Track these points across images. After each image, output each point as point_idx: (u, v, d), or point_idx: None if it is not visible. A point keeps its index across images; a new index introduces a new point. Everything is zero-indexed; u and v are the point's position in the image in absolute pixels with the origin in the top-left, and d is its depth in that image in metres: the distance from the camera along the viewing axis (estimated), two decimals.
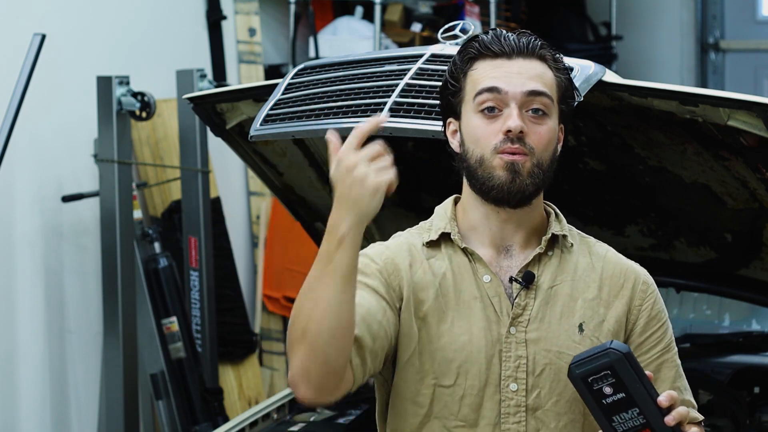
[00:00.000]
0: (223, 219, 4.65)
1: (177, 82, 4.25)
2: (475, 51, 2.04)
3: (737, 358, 3.43)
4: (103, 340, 4.09)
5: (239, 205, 5.01)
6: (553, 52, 2.06)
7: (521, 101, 2.00)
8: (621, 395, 1.85)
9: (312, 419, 3.24)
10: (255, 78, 5.02)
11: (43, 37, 3.32)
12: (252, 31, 5.03)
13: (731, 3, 6.66)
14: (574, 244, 2.10)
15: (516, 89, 1.99)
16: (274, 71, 5.10)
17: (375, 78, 2.69)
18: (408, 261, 2.05)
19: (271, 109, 2.81)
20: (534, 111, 2.00)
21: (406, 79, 2.61)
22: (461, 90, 2.05)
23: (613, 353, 1.84)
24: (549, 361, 2.02)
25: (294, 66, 3.68)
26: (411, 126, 2.52)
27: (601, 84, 2.53)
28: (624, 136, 2.81)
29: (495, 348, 2.01)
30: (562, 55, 2.08)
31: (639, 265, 2.14)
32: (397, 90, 2.59)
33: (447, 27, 2.63)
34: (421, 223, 2.13)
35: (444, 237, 2.07)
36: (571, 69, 2.12)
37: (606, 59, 5.99)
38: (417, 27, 5.22)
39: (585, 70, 2.50)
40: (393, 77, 2.65)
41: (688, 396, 2.10)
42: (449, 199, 2.13)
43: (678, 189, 2.91)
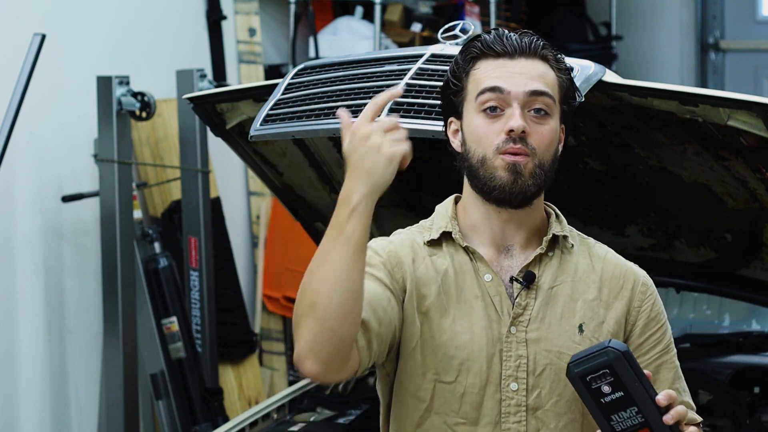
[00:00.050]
0: (223, 219, 4.65)
1: (177, 82, 4.25)
2: (478, 50, 2.04)
3: (737, 358, 3.43)
4: (103, 340, 4.08)
5: (239, 205, 5.01)
6: (555, 52, 2.06)
7: (523, 101, 1.99)
8: (619, 394, 1.84)
9: (312, 419, 3.24)
10: (255, 78, 5.01)
11: (43, 37, 3.32)
12: (252, 31, 5.03)
13: (731, 3, 6.66)
14: (574, 245, 2.10)
15: (518, 89, 1.99)
16: (274, 71, 5.10)
17: (375, 78, 2.69)
18: (411, 256, 2.05)
19: (271, 109, 2.81)
20: (536, 111, 2.00)
21: (406, 79, 2.61)
22: (463, 89, 2.05)
23: (612, 352, 1.84)
24: (549, 361, 2.02)
25: (294, 66, 3.68)
26: (411, 126, 2.51)
27: (601, 84, 2.53)
28: (624, 136, 2.81)
29: (496, 347, 2.01)
30: (563, 56, 2.08)
31: (638, 267, 2.14)
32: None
33: (447, 27, 2.63)
34: (422, 222, 2.13)
35: (445, 236, 2.07)
36: (571, 69, 2.12)
37: (606, 59, 5.99)
38: (417, 27, 5.22)
39: (585, 70, 2.50)
40: (393, 77, 2.65)
41: (686, 398, 2.10)
42: (450, 198, 2.13)
43: (678, 189, 2.91)
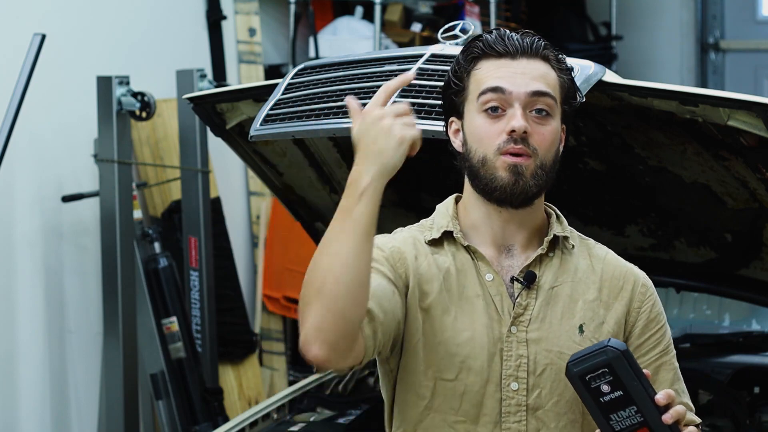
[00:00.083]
0: (223, 219, 4.65)
1: (177, 82, 4.25)
2: (479, 50, 2.04)
3: (737, 358, 3.43)
4: (103, 340, 4.08)
5: (239, 205, 5.01)
6: (556, 52, 2.06)
7: (525, 102, 1.99)
8: (618, 393, 1.84)
9: (312, 419, 3.24)
10: (255, 78, 5.01)
11: (43, 37, 3.32)
12: (252, 31, 5.03)
13: (731, 3, 6.66)
14: (575, 245, 2.10)
15: (520, 89, 1.99)
16: (274, 71, 5.10)
17: (375, 78, 2.68)
18: (414, 253, 2.05)
19: (271, 109, 2.81)
20: (537, 111, 2.00)
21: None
22: (464, 89, 2.05)
23: (611, 351, 1.84)
24: (550, 362, 2.02)
25: (294, 66, 3.68)
26: None
27: (601, 84, 2.53)
28: (624, 136, 2.81)
29: (496, 347, 2.02)
30: (564, 56, 2.08)
31: (638, 268, 2.14)
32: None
33: (447, 27, 2.63)
34: (422, 221, 2.13)
35: (446, 235, 2.07)
36: (571, 69, 2.12)
37: (606, 59, 5.99)
38: (417, 27, 5.22)
39: (585, 70, 2.50)
40: (393, 77, 2.64)
41: (685, 399, 2.10)
42: (450, 198, 2.13)
43: (678, 189, 2.91)
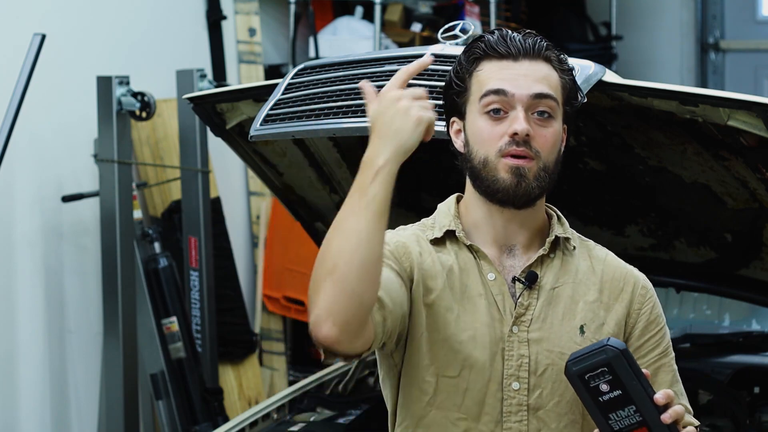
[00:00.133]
0: (223, 219, 4.65)
1: (177, 82, 4.25)
2: (481, 51, 2.03)
3: (737, 358, 3.43)
4: (103, 340, 4.09)
5: (239, 205, 5.01)
6: (558, 52, 2.05)
7: (527, 104, 1.99)
8: (618, 392, 1.84)
9: (312, 419, 3.24)
10: (255, 78, 5.01)
11: (43, 37, 3.32)
12: (252, 31, 5.03)
13: (731, 3, 6.65)
14: (575, 247, 2.10)
15: (522, 92, 1.99)
16: (274, 71, 5.10)
17: (375, 78, 2.68)
18: (418, 249, 2.05)
19: (271, 109, 2.81)
20: (540, 113, 2.00)
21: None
22: (466, 90, 2.04)
23: (610, 350, 1.84)
24: (551, 362, 2.02)
25: (294, 66, 3.68)
26: None
27: (601, 84, 2.53)
28: (624, 136, 2.81)
29: (498, 346, 2.02)
30: (566, 56, 2.08)
31: (638, 270, 2.14)
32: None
33: (447, 27, 2.63)
34: (423, 221, 2.13)
35: (449, 234, 2.07)
36: (573, 69, 2.12)
37: (606, 59, 5.98)
38: (417, 27, 5.22)
39: (585, 70, 2.50)
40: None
41: (684, 401, 2.09)
42: (452, 197, 2.13)
43: (678, 189, 2.91)
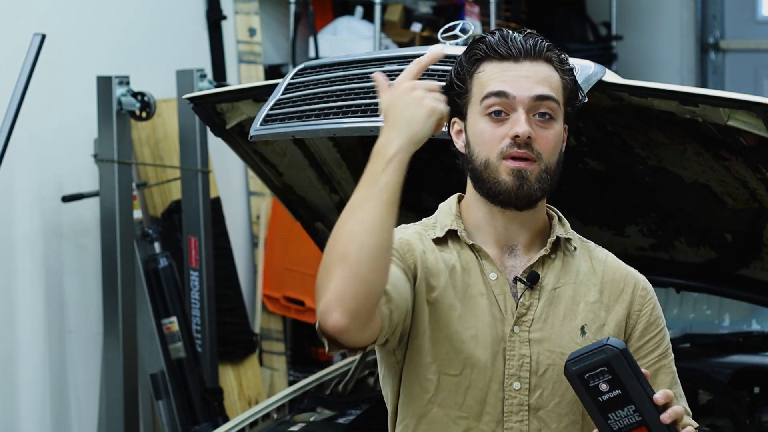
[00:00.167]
0: (223, 219, 4.65)
1: (177, 82, 4.25)
2: (482, 52, 2.03)
3: (737, 358, 3.43)
4: (103, 340, 4.09)
5: (239, 205, 5.01)
6: (559, 53, 2.05)
7: (529, 106, 1.99)
8: (617, 392, 1.84)
9: (312, 419, 3.24)
10: (255, 78, 5.01)
11: (43, 37, 3.32)
12: (252, 31, 5.03)
13: (731, 3, 6.65)
14: (577, 248, 2.10)
15: (524, 93, 1.99)
16: (274, 71, 5.10)
17: None
18: (421, 247, 2.05)
19: (271, 109, 2.80)
20: (541, 115, 2.00)
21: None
22: (467, 92, 2.04)
23: (610, 349, 1.84)
24: (552, 362, 2.02)
25: (294, 66, 3.68)
26: None
27: (601, 84, 2.53)
28: (624, 136, 2.81)
29: (499, 346, 2.02)
30: (567, 56, 2.07)
31: (638, 272, 2.14)
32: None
33: (447, 27, 2.62)
34: (424, 220, 2.12)
35: (450, 234, 2.07)
36: (573, 69, 2.12)
37: (606, 59, 5.98)
38: (417, 27, 5.22)
39: (585, 70, 2.50)
40: (393, 77, 2.63)
41: (683, 403, 2.09)
42: (453, 197, 2.13)
43: (678, 189, 2.91)
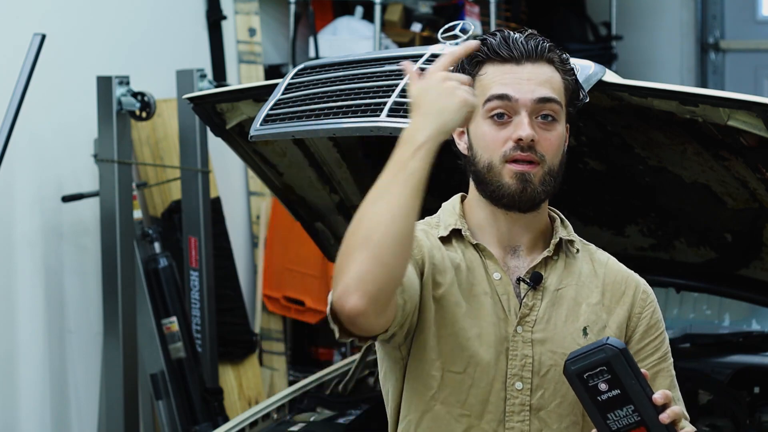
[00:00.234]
0: (223, 219, 4.65)
1: (177, 82, 4.25)
2: (483, 55, 2.03)
3: (737, 358, 3.43)
4: (103, 340, 4.09)
5: (239, 205, 5.01)
6: (561, 53, 2.05)
7: (531, 108, 1.99)
8: (616, 392, 1.84)
9: (312, 419, 3.24)
10: (255, 78, 5.01)
11: (43, 37, 3.32)
12: (252, 31, 5.03)
13: (731, 3, 6.65)
14: (579, 250, 2.10)
15: (526, 96, 1.99)
16: (274, 71, 5.10)
17: (375, 78, 2.69)
18: (428, 244, 2.05)
19: (271, 109, 2.80)
20: (543, 117, 2.00)
21: (406, 79, 2.59)
22: None
23: (610, 349, 1.84)
24: (554, 362, 2.02)
25: (294, 66, 3.68)
26: None
27: (601, 84, 2.53)
28: (624, 136, 2.81)
29: (503, 345, 2.02)
30: (568, 56, 2.07)
31: (638, 276, 2.15)
32: (397, 90, 2.59)
33: (447, 27, 2.62)
34: (427, 219, 2.12)
35: (454, 233, 2.08)
36: (574, 69, 2.12)
37: (606, 59, 5.98)
38: (417, 27, 5.22)
39: (585, 70, 2.50)
40: (393, 77, 2.65)
41: (681, 406, 2.09)
42: (456, 197, 2.13)
43: (678, 189, 2.91)
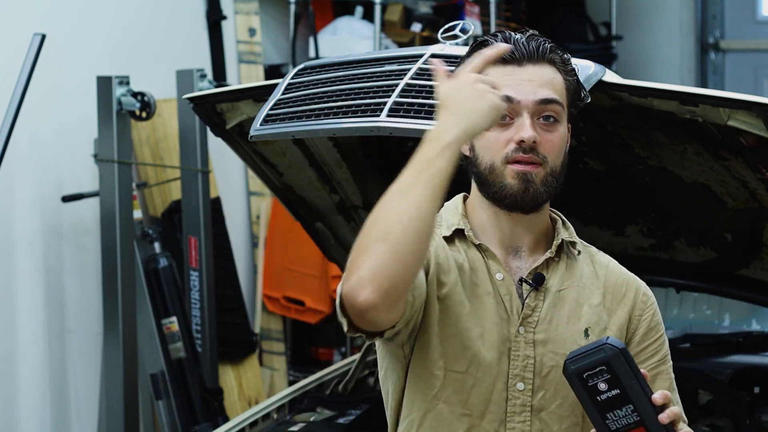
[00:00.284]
0: (223, 219, 4.65)
1: (177, 82, 4.25)
2: None
3: (737, 358, 3.43)
4: (103, 340, 4.09)
5: (239, 205, 5.01)
6: (562, 53, 2.05)
7: (533, 110, 1.99)
8: (616, 391, 1.84)
9: (312, 419, 3.24)
10: (255, 78, 5.01)
11: (43, 37, 3.32)
12: (252, 31, 5.03)
13: (731, 3, 6.65)
14: (580, 251, 2.11)
15: (528, 98, 1.99)
16: (274, 71, 5.10)
17: (375, 78, 2.69)
18: (434, 244, 2.05)
19: (271, 109, 2.80)
20: (545, 118, 2.00)
21: (406, 79, 2.61)
22: None
23: (610, 348, 1.84)
24: (555, 363, 2.02)
25: (294, 66, 3.68)
26: (411, 126, 2.52)
27: (601, 84, 2.53)
28: (624, 136, 2.81)
29: (505, 346, 2.02)
30: (569, 56, 2.07)
31: (639, 278, 2.15)
32: (397, 90, 2.59)
33: (447, 27, 2.63)
34: None
35: (457, 233, 2.08)
36: (575, 69, 2.12)
37: (606, 59, 5.98)
38: (417, 27, 5.22)
39: (585, 70, 2.50)
40: (393, 77, 2.65)
41: (679, 409, 2.09)
42: (458, 196, 2.13)
43: (678, 189, 2.91)
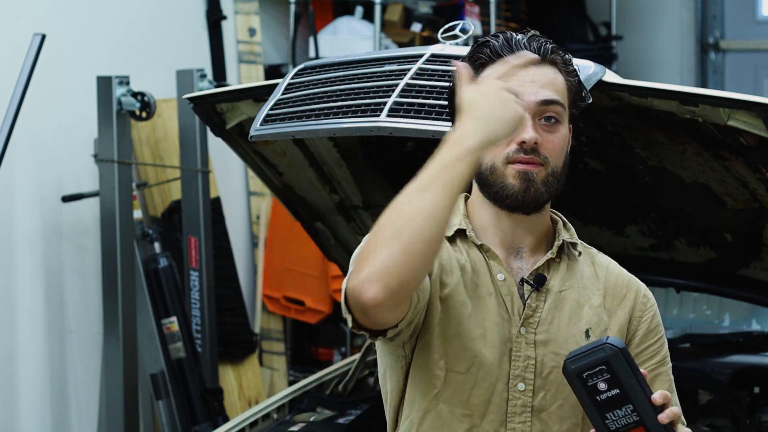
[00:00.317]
0: (223, 219, 4.65)
1: (177, 82, 4.25)
2: (486, 57, 2.02)
3: (737, 358, 3.43)
4: (103, 340, 4.09)
5: (239, 205, 5.01)
6: (563, 54, 2.05)
7: (535, 111, 1.99)
8: (615, 391, 1.84)
9: (312, 419, 3.24)
10: (255, 78, 5.01)
11: (43, 37, 3.32)
12: (252, 31, 5.03)
13: (731, 3, 6.65)
14: (581, 252, 2.11)
15: (529, 99, 1.98)
16: (274, 71, 5.10)
17: (375, 78, 2.69)
18: None
19: (271, 109, 2.80)
20: (547, 119, 2.00)
21: (406, 79, 2.61)
22: None
23: (609, 348, 1.84)
24: (556, 364, 2.02)
25: (294, 66, 3.68)
26: (411, 126, 2.52)
27: (601, 84, 2.53)
28: (624, 136, 2.81)
29: (506, 346, 2.02)
30: (571, 56, 2.07)
31: (639, 280, 2.15)
32: (397, 90, 2.59)
33: (447, 27, 2.63)
34: None
35: (459, 233, 2.08)
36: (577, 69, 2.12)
37: (606, 59, 5.98)
38: (417, 27, 5.22)
39: (585, 70, 2.50)
40: (393, 77, 2.65)
41: (678, 410, 2.09)
42: (460, 197, 2.13)
43: (678, 189, 2.91)
